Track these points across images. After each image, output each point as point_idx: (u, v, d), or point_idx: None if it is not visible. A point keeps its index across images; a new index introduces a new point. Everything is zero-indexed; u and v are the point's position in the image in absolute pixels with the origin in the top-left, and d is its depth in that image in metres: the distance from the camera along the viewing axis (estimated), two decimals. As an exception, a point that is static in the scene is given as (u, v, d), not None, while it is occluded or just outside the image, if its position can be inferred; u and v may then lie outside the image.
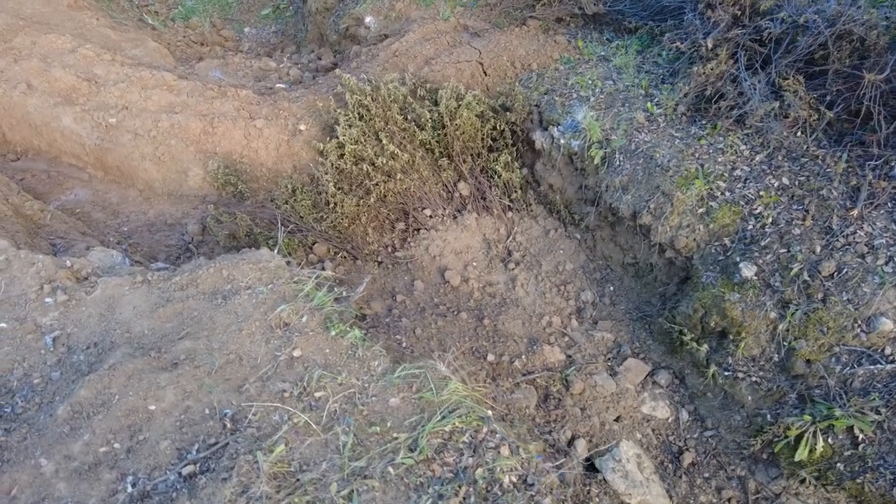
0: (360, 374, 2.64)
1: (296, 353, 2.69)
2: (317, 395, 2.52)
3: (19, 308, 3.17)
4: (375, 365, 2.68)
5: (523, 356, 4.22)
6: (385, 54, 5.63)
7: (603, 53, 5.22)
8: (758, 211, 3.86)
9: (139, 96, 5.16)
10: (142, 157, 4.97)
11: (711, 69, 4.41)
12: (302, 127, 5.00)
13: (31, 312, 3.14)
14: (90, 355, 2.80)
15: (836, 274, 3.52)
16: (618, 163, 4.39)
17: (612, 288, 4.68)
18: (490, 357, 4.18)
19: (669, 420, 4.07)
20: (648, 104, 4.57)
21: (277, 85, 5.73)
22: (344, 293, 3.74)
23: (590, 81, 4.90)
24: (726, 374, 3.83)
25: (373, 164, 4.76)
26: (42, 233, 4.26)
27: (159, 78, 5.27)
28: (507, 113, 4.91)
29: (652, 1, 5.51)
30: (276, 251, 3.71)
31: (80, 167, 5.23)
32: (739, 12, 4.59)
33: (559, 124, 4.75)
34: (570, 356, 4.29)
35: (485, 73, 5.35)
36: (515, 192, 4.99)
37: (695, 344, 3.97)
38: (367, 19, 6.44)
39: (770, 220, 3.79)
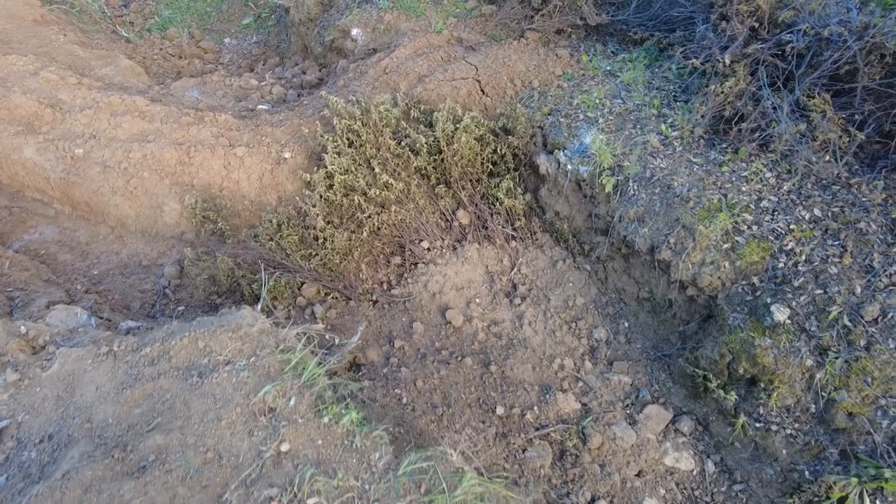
0: (360, 471, 2.27)
1: (283, 448, 2.32)
2: (309, 502, 2.15)
3: (-36, 389, 2.76)
4: (376, 458, 2.31)
5: (535, 407, 3.87)
6: (374, 71, 5.25)
7: (609, 68, 4.87)
8: (789, 247, 3.53)
9: (108, 123, 4.75)
10: (112, 192, 4.56)
11: (730, 87, 4.07)
12: (287, 155, 4.61)
13: (-23, 395, 2.74)
14: (43, 452, 2.41)
15: (880, 318, 3.20)
16: (632, 192, 4.04)
17: (626, 324, 4.34)
18: (499, 410, 3.83)
19: (694, 472, 3.74)
20: (662, 126, 4.22)
21: (259, 106, 5.33)
22: (336, 341, 3.37)
23: (597, 100, 4.54)
24: (757, 424, 3.51)
25: (364, 195, 4.38)
26: None
27: (130, 103, 4.85)
28: (509, 136, 4.55)
29: (658, 10, 5.16)
30: (259, 306, 3.33)
31: (45, 202, 4.81)
32: (757, 24, 4.25)
33: (565, 148, 4.39)
34: (585, 404, 3.95)
35: (482, 91, 4.98)
36: (519, 219, 4.63)
37: (721, 392, 3.64)
38: (354, 31, 6.04)
39: (803, 257, 3.46)
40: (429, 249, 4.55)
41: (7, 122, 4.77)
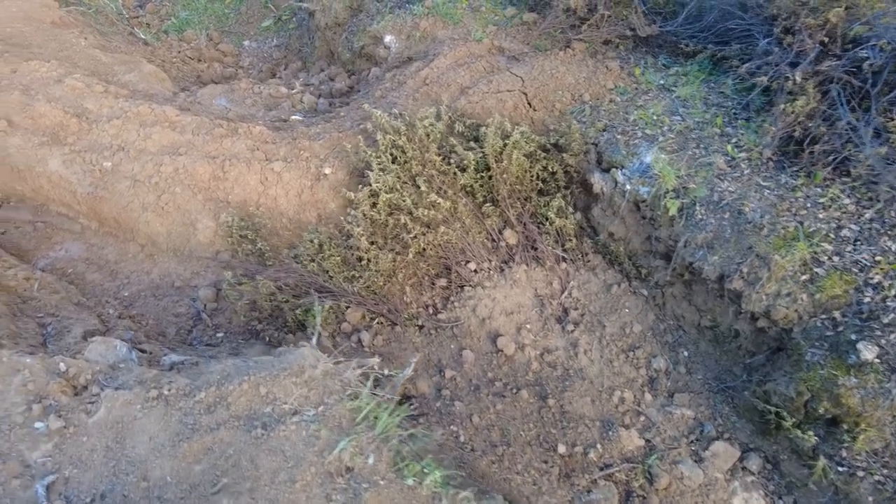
0: (454, 543, 2.04)
1: (368, 516, 2.09)
2: (403, 581, 1.93)
3: (2, 437, 2.53)
4: (469, 527, 2.09)
5: (598, 444, 3.66)
6: (414, 82, 5.02)
7: (662, 82, 4.65)
8: (875, 280, 3.32)
9: (137, 135, 4.51)
10: (143, 208, 4.32)
11: (801, 107, 3.85)
12: (327, 170, 4.38)
13: (16, 444, 2.51)
14: (98, 516, 2.18)
15: (981, 361, 3.00)
16: (699, 216, 3.82)
17: (686, 353, 4.13)
18: (561, 448, 3.61)
19: (766, 515, 3.53)
20: (728, 146, 4.01)
21: (293, 117, 5.09)
22: (386, 372, 3.14)
23: (654, 117, 4.32)
24: (840, 468, 3.30)
25: (410, 215, 4.15)
26: (28, 309, 3.60)
27: (160, 113, 4.61)
28: (563, 153, 4.32)
29: (711, 21, 4.94)
30: (314, 340, 3.11)
31: (70, 217, 4.56)
32: (827, 39, 4.04)
33: (623, 167, 4.17)
34: (648, 440, 3.73)
35: (529, 104, 4.76)
36: (569, 240, 4.41)
37: (798, 431, 3.42)
38: (387, 38, 5.81)
39: (893, 291, 3.25)
40: (476, 271, 4.33)
41: (31, 133, 4.53)
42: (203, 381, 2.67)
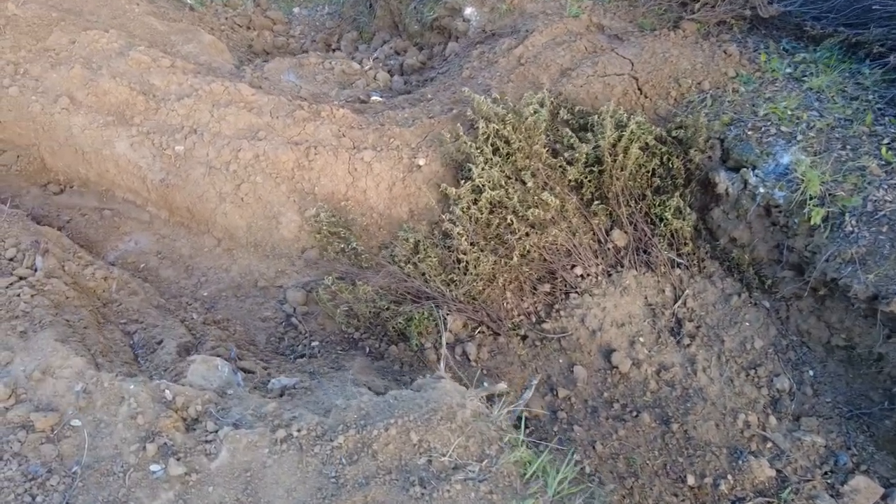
0: None
1: None
2: None
3: (115, 483, 2.23)
4: None
5: (728, 475, 3.34)
6: (507, 61, 4.56)
7: (789, 71, 4.18)
8: None
9: (210, 115, 4.11)
10: (220, 198, 3.95)
11: (971, 105, 3.41)
12: (421, 161, 3.98)
13: (133, 490, 2.20)
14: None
15: None
16: (849, 228, 3.42)
17: (811, 373, 3.77)
18: (690, 479, 3.30)
19: (912, 559, 3.22)
20: (882, 148, 3.57)
21: (372, 97, 4.67)
22: (498, 394, 2.80)
23: (788, 112, 3.87)
24: None
25: (516, 214, 3.77)
26: (110, 314, 3.27)
27: (234, 92, 4.20)
28: (685, 148, 3.90)
29: (842, 1, 4.43)
30: (442, 365, 2.77)
31: (138, 205, 4.21)
32: None
33: (756, 167, 3.75)
34: (780, 471, 3.41)
35: (640, 90, 4.31)
36: (685, 244, 4.02)
37: (962, 473, 3.09)
38: (468, 11, 5.32)
39: None
40: (582, 276, 3.96)
41: (95, 111, 4.14)
42: (336, 419, 2.34)
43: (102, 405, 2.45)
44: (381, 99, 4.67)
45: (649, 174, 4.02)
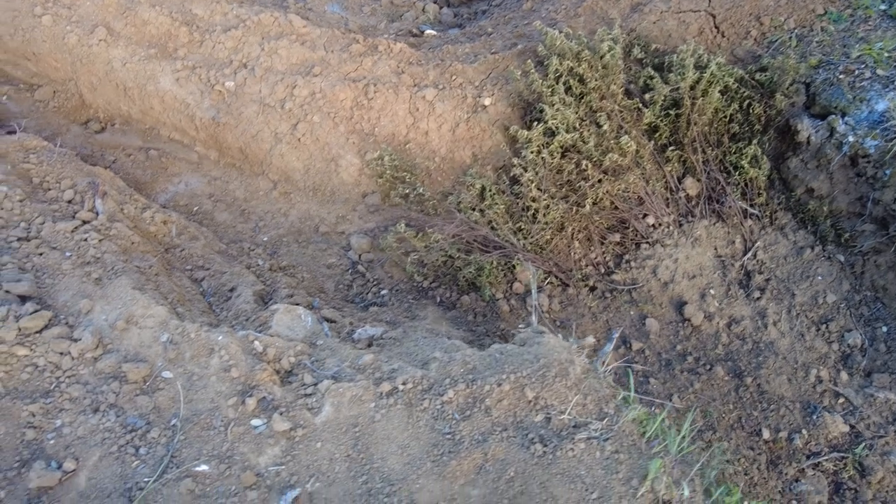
0: None
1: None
2: None
3: (216, 436, 2.16)
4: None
5: (803, 430, 3.32)
6: (572, -7, 4.25)
7: (884, 7, 3.89)
8: None
9: (261, 49, 3.84)
10: (275, 138, 3.74)
11: None
12: (486, 101, 3.75)
13: (237, 446, 2.14)
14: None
15: None
16: (948, 179, 3.25)
17: (885, 329, 3.70)
18: (765, 433, 3.27)
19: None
20: None
21: (427, 31, 4.37)
22: (574, 343, 2.72)
23: (885, 54, 3.62)
24: None
25: (589, 159, 3.58)
26: (175, 260, 3.14)
27: (285, 23, 3.92)
28: (772, 93, 3.67)
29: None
30: (534, 317, 2.67)
31: (185, 144, 4.00)
32: None
33: (845, 114, 3.54)
34: (853, 427, 3.39)
35: (717, 28, 4.03)
36: (759, 194, 3.86)
37: None
38: (523, -64, 4.91)
39: None
40: (654, 226, 3.82)
41: (136, 44, 3.87)
42: (441, 373, 2.25)
43: (192, 357, 2.36)
44: (435, 33, 4.38)
45: (727, 119, 3.80)
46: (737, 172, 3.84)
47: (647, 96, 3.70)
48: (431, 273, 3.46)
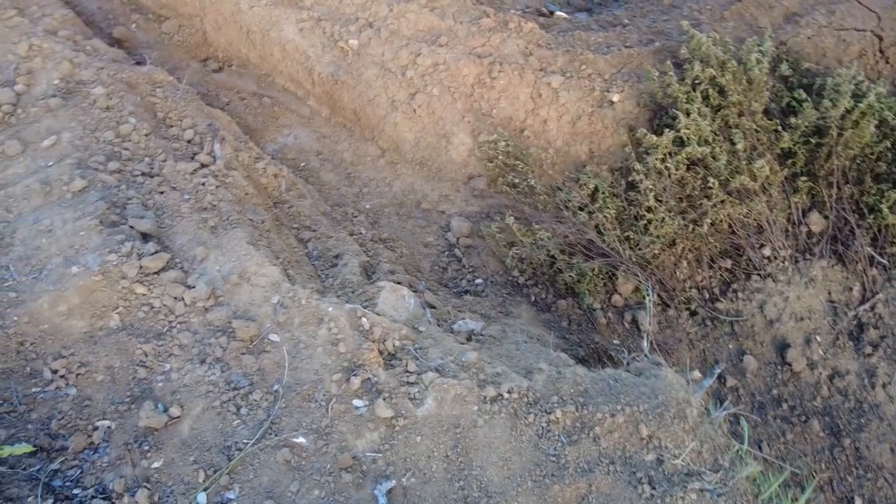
0: None
1: None
2: None
3: (317, 409, 2.15)
4: None
5: (900, 505, 3.09)
6: (721, -7, 3.93)
7: None
8: None
9: (389, 10, 3.73)
10: (391, 105, 3.66)
11: None
12: (615, 97, 3.55)
13: (336, 424, 2.12)
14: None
15: None
16: None
17: None
18: (857, 502, 3.07)
19: None
20: None
21: (557, 12, 4.15)
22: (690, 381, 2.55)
23: None
24: None
25: (717, 177, 3.35)
26: (283, 217, 3.14)
27: (416, -14, 3.78)
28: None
29: None
30: (645, 344, 2.53)
31: (299, 97, 3.97)
32: None
33: None
34: (956, 511, 3.14)
35: (881, 53, 3.66)
36: (893, 243, 3.54)
37: None
38: (673, -79, 4.55)
39: None
40: (769, 259, 3.57)
41: (266, -14, 3.81)
42: (549, 388, 2.16)
43: (300, 324, 2.35)
44: (565, 15, 4.16)
45: (874, 157, 3.48)
46: (871, 216, 3.52)
47: (791, 120, 3.41)
48: (529, 270, 3.35)
